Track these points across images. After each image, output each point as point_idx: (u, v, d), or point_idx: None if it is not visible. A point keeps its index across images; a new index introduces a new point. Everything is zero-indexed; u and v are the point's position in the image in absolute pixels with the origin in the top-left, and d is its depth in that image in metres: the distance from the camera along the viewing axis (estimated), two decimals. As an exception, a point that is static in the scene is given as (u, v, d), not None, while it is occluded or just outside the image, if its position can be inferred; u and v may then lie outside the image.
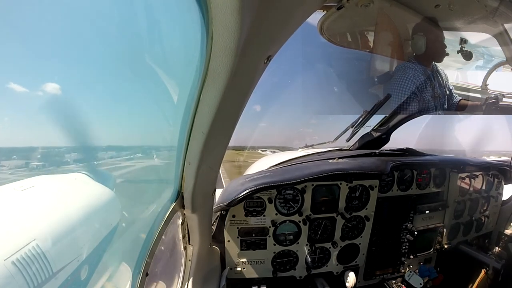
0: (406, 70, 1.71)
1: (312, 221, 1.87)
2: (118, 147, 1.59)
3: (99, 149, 1.42)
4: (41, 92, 0.86)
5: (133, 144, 1.64)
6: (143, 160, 1.68)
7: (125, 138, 1.45)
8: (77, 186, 1.38)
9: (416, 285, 2.01)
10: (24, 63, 0.80)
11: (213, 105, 0.72)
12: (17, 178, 1.13)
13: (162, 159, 1.50)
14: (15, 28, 0.67)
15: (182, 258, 1.42)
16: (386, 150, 2.35)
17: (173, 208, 1.15)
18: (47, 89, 0.98)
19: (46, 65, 0.86)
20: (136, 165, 1.71)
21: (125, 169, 1.68)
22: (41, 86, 0.88)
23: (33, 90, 0.91)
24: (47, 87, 0.95)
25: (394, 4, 1.54)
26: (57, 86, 0.92)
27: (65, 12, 0.72)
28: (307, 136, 27.41)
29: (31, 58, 0.83)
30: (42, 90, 0.88)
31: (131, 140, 1.50)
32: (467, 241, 2.50)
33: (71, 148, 1.13)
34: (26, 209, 1.02)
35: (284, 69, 7.77)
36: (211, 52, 0.58)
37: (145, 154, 1.66)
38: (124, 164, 1.69)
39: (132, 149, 1.67)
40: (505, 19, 1.53)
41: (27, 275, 0.82)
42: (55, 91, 0.95)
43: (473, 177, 2.36)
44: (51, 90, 0.96)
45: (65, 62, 0.86)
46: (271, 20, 0.55)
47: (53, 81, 0.83)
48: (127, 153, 1.67)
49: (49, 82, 0.86)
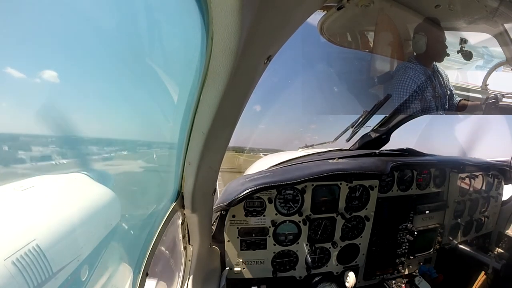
0: (407, 70, 1.71)
1: (312, 221, 1.87)
2: (118, 147, 1.59)
3: (99, 149, 1.42)
4: (41, 92, 0.86)
5: (133, 144, 1.64)
6: (143, 160, 1.68)
7: (125, 138, 1.45)
8: (77, 186, 1.38)
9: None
10: (24, 63, 0.80)
11: (213, 105, 0.72)
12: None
13: (162, 159, 1.49)
14: (14, 28, 0.67)
15: (182, 258, 1.42)
16: (386, 150, 2.35)
17: (173, 208, 1.15)
18: (47, 89, 0.98)
19: (46, 65, 0.86)
20: (136, 165, 1.71)
21: (125, 169, 1.68)
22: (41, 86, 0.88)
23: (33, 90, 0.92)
24: (46, 87, 0.95)
25: (394, 4, 1.54)
26: (56, 86, 0.92)
27: (64, 12, 0.72)
28: (307, 136, 27.37)
29: (31, 58, 0.83)
30: (41, 90, 0.88)
31: (131, 140, 1.50)
32: (467, 241, 2.50)
33: (71, 148, 1.13)
34: (26, 209, 1.02)
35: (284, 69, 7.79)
36: (211, 52, 0.58)
37: (145, 154, 1.66)
38: (124, 164, 1.69)
39: (132, 149, 1.67)
40: (505, 19, 1.53)
41: (27, 275, 0.82)
42: (55, 91, 0.95)
43: (473, 177, 2.36)
44: (51, 90, 0.96)
45: (65, 62, 0.86)
46: (271, 20, 0.55)
47: (53, 81, 0.83)
48: (127, 153, 1.67)
49: (48, 82, 0.87)
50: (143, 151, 1.67)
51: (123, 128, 1.26)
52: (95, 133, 1.02)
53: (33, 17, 0.71)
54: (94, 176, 1.47)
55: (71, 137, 1.06)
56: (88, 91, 1.01)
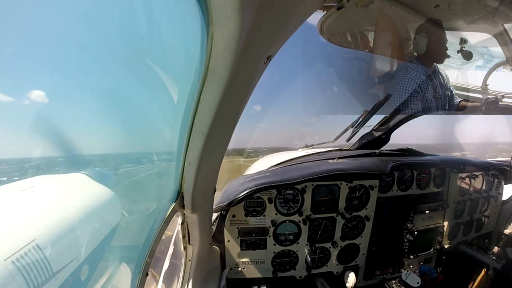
0: (408, 70, 1.71)
1: (312, 221, 1.87)
2: (118, 147, 1.59)
3: (99, 149, 1.42)
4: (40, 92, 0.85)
5: (133, 144, 1.64)
6: (143, 160, 1.68)
7: (125, 138, 1.45)
8: (77, 186, 1.38)
9: (413, 284, 2.00)
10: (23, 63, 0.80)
11: (213, 105, 0.72)
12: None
13: (162, 159, 1.49)
14: (12, 27, 0.67)
15: (182, 258, 1.42)
16: (386, 150, 2.35)
17: (173, 208, 1.15)
18: (47, 89, 0.98)
19: (46, 65, 0.86)
20: (136, 165, 1.71)
21: (125, 169, 1.68)
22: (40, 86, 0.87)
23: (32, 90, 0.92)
24: (46, 87, 0.94)
25: (394, 4, 1.54)
26: (56, 86, 0.92)
27: (63, 12, 0.72)
28: (307, 136, 27.40)
29: (30, 58, 0.83)
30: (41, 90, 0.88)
31: (131, 140, 1.49)
32: (467, 241, 2.50)
33: (70, 148, 1.13)
34: (26, 209, 1.02)
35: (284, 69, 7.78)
36: (211, 52, 0.58)
37: (145, 154, 1.66)
38: (124, 164, 1.69)
39: (132, 149, 1.67)
40: (505, 19, 1.52)
41: (27, 275, 0.82)
42: (54, 91, 0.95)
43: (473, 177, 2.36)
44: (51, 90, 0.96)
45: (64, 62, 0.86)
46: (271, 20, 0.55)
47: (52, 81, 0.83)
48: (127, 153, 1.67)
49: (48, 82, 0.86)
50: (143, 151, 1.67)
51: (122, 128, 1.25)
52: (94, 133, 1.02)
53: (33, 17, 0.71)
54: (94, 176, 1.47)
55: (70, 137, 1.06)
56: (88, 91, 1.01)
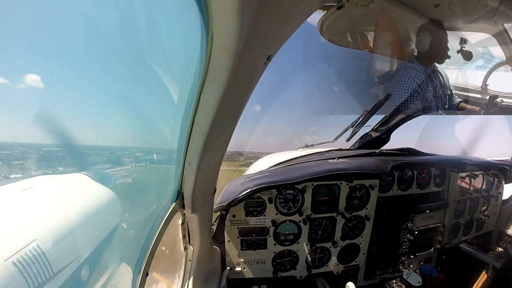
0: (408, 70, 1.71)
1: (313, 221, 1.87)
2: (118, 147, 1.59)
3: (99, 149, 1.42)
4: (40, 92, 0.86)
5: (133, 144, 1.64)
6: (143, 160, 1.68)
7: (125, 138, 1.45)
8: (77, 186, 1.39)
9: (415, 283, 2.00)
10: (22, 63, 0.80)
11: (213, 105, 0.72)
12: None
13: (162, 159, 1.49)
14: (11, 27, 0.67)
15: (182, 258, 1.42)
16: (386, 150, 2.35)
17: (173, 208, 1.15)
18: (46, 88, 0.98)
19: (45, 65, 0.86)
20: (136, 165, 1.71)
21: (125, 169, 1.68)
22: (40, 86, 0.88)
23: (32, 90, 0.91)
24: (46, 86, 0.95)
25: (394, 4, 1.54)
26: (56, 86, 0.92)
27: (63, 12, 0.72)
28: (307, 136, 27.41)
29: (30, 58, 0.83)
30: (41, 90, 0.88)
31: (131, 140, 1.49)
32: (468, 241, 2.50)
33: (70, 148, 1.13)
34: (26, 209, 1.02)
35: (284, 69, 7.77)
36: (211, 52, 0.58)
37: (145, 154, 1.66)
38: (124, 164, 1.69)
39: (132, 149, 1.67)
40: (505, 19, 1.52)
41: (27, 275, 0.82)
42: (54, 90, 0.95)
43: (473, 177, 2.37)
44: (50, 90, 0.96)
45: (64, 62, 0.86)
46: (271, 20, 0.55)
47: (52, 81, 0.83)
48: (127, 153, 1.67)
49: (48, 82, 0.86)
50: (143, 151, 1.67)
51: (123, 128, 1.26)
52: (95, 134, 1.02)
53: (33, 17, 0.71)
54: (94, 176, 1.47)
55: (71, 137, 1.06)
56: (88, 91, 1.01)
